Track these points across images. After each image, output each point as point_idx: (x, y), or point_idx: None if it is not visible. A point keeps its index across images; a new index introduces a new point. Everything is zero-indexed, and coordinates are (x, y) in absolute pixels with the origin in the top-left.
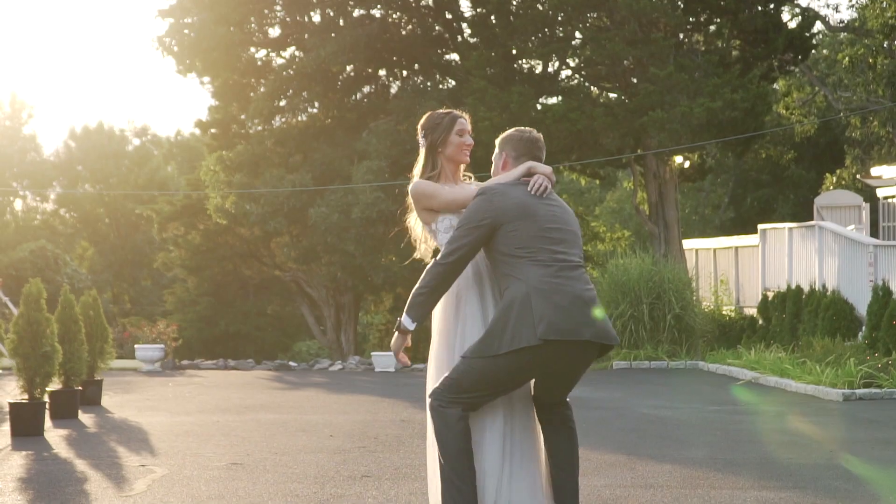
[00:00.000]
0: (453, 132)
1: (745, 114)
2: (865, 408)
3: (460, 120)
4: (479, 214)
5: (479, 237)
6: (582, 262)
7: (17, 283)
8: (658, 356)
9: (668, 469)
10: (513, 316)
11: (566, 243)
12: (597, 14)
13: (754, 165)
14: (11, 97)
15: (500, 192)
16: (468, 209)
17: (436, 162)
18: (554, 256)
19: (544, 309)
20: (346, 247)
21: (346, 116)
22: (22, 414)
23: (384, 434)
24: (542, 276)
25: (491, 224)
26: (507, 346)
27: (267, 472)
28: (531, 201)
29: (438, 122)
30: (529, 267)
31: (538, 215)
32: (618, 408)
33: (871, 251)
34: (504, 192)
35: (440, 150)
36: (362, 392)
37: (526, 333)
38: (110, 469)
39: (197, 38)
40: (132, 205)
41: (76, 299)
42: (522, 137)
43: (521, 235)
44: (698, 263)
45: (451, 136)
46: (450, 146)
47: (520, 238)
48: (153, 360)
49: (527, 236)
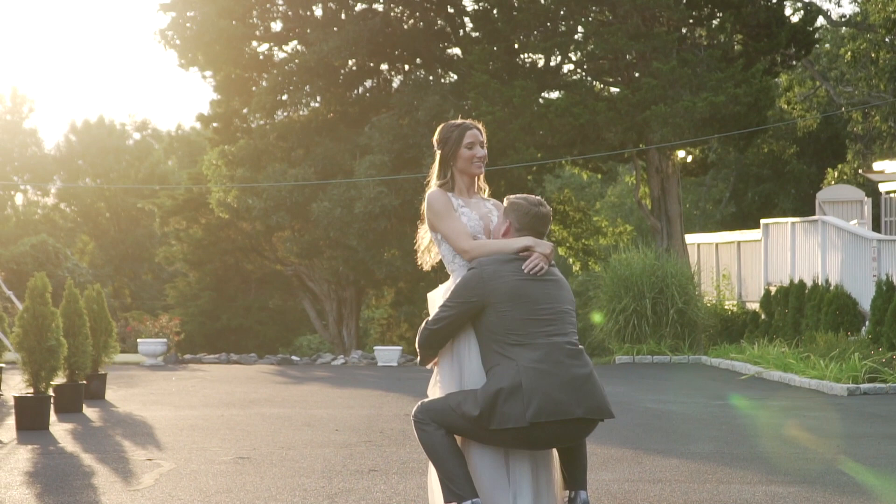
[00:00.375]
0: (462, 145)
1: (748, 108)
2: (870, 402)
3: (470, 132)
4: (468, 292)
5: (465, 312)
6: (575, 340)
7: (18, 277)
8: (661, 351)
9: (675, 463)
10: (501, 401)
11: (559, 322)
12: (599, 8)
13: (755, 160)
14: (12, 91)
15: (492, 273)
16: (460, 282)
17: (447, 173)
18: (547, 340)
19: (533, 393)
20: (349, 241)
21: (348, 111)
22: (27, 408)
23: (389, 428)
24: (533, 359)
25: (479, 303)
26: (496, 424)
27: (274, 467)
28: (524, 283)
29: (448, 135)
30: (520, 350)
31: (530, 297)
32: (622, 402)
33: (874, 246)
34: (497, 273)
35: (451, 163)
36: (366, 386)
37: (515, 415)
38: (117, 463)
39: (199, 32)
40: (133, 199)
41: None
42: (529, 212)
43: (511, 319)
44: (700, 258)
45: (461, 149)
46: (460, 159)
47: (510, 321)
48: (156, 354)
49: (518, 320)
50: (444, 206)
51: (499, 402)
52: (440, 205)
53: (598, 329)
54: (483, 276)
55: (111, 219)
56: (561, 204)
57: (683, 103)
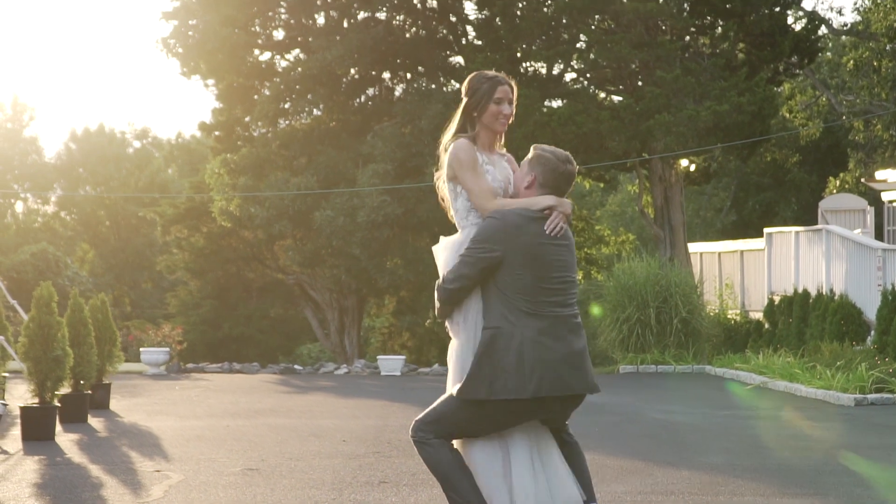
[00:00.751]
0: (492, 99)
1: (751, 117)
2: (878, 413)
3: (501, 87)
4: (490, 242)
5: (484, 269)
6: (577, 312)
7: (19, 285)
8: (665, 360)
9: (686, 475)
10: (501, 362)
11: (565, 293)
12: (602, 17)
13: (756, 168)
14: (13, 99)
15: (516, 228)
16: (482, 230)
17: (473, 125)
18: (553, 311)
19: (536, 364)
20: (352, 250)
21: (350, 119)
22: (33, 418)
23: (397, 439)
24: (538, 330)
25: (500, 258)
26: (497, 394)
27: (283, 478)
28: (543, 244)
29: (479, 85)
30: (526, 317)
31: (545, 262)
32: (629, 413)
33: (879, 255)
34: (520, 229)
35: (475, 114)
36: (370, 396)
37: (516, 386)
38: (125, 474)
39: (201, 41)
40: (133, 207)
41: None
42: (557, 169)
43: (524, 282)
44: (703, 267)
45: (490, 103)
46: (487, 114)
47: (522, 285)
48: (158, 363)
49: (530, 285)
50: (473, 159)
51: (497, 367)
52: (468, 157)
53: (602, 338)
54: (507, 227)
55: (111, 227)
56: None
57: (687, 112)
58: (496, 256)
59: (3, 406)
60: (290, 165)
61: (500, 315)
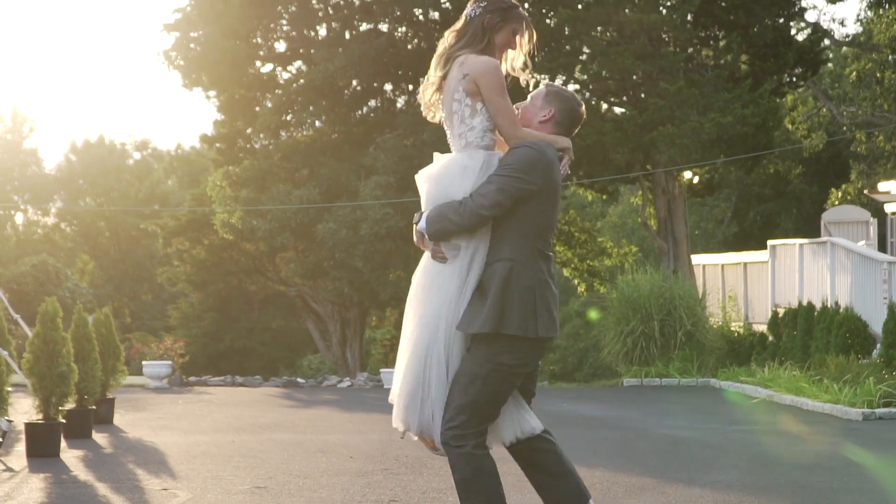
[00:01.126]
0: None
1: (755, 129)
2: (887, 428)
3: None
4: (530, 175)
5: (520, 199)
6: None
7: (19, 297)
8: (669, 373)
9: (699, 493)
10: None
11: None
12: (605, 28)
13: (757, 180)
14: (13, 111)
15: (552, 164)
16: (523, 160)
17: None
18: (552, 252)
19: (542, 305)
20: (355, 262)
21: (352, 131)
22: (38, 434)
23: (405, 455)
24: (546, 271)
25: (537, 192)
26: (515, 329)
27: (292, 497)
28: (560, 185)
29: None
30: (538, 259)
31: (558, 205)
32: (636, 428)
33: (885, 268)
34: (554, 165)
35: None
36: (374, 410)
37: (529, 324)
38: (132, 493)
39: (203, 53)
40: (133, 219)
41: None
42: (573, 110)
43: (544, 221)
44: (706, 279)
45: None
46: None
47: (542, 224)
48: (161, 376)
49: (547, 225)
50: (503, 82)
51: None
52: (501, 79)
53: (606, 351)
54: (548, 161)
55: (111, 238)
56: (566, 224)
57: (691, 124)
58: (533, 190)
59: (8, 423)
60: (292, 177)
61: (514, 249)
